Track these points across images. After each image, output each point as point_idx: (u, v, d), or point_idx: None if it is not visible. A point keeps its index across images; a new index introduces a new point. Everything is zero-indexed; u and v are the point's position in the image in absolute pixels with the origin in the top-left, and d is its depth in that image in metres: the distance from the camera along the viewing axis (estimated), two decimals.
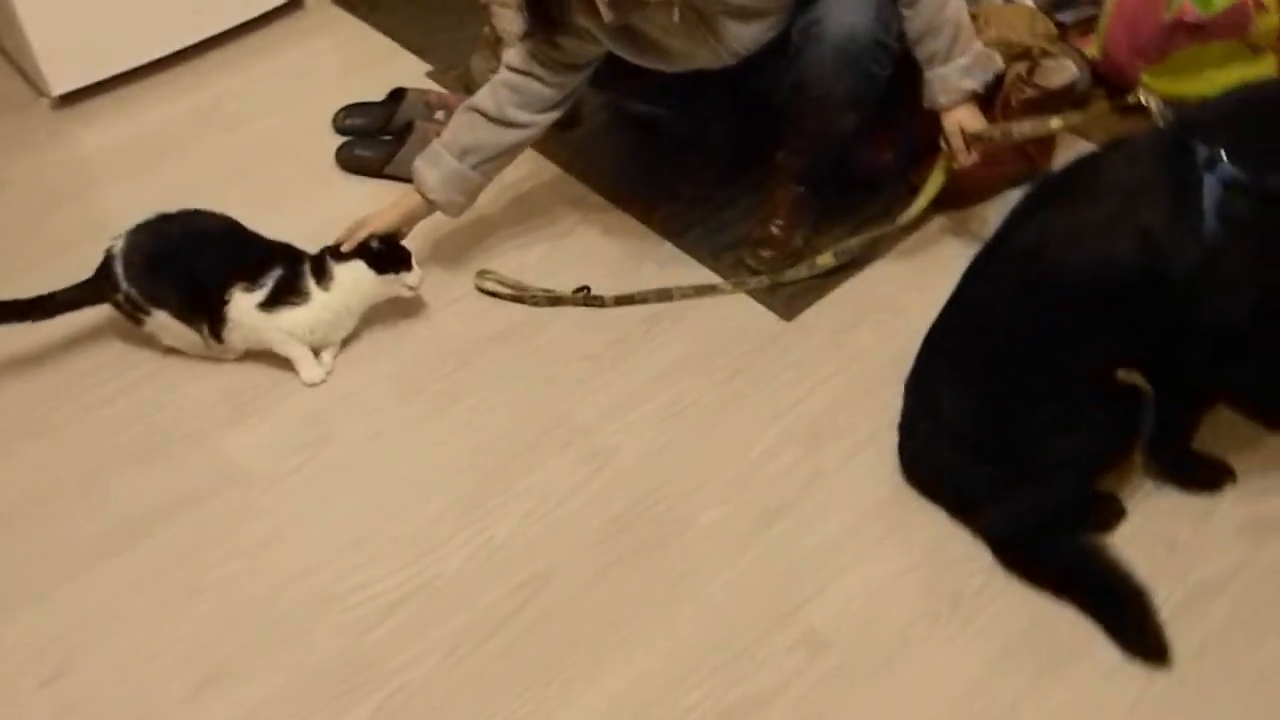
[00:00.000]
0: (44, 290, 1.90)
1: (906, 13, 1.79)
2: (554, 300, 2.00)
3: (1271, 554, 1.59)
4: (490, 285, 2.04)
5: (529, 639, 1.55)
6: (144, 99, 2.60)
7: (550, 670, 1.51)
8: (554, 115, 1.90)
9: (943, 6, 1.80)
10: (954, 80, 1.84)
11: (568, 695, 1.49)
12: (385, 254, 1.91)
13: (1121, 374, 1.54)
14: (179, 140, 2.48)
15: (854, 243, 1.99)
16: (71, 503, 1.76)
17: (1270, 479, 1.68)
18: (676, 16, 1.73)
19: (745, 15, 1.78)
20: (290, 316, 1.87)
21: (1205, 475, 1.66)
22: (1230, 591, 1.55)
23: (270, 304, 1.86)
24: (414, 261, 1.94)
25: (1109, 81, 2.35)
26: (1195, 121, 1.43)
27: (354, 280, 1.90)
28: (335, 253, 1.91)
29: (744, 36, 1.81)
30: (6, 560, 1.68)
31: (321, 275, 1.89)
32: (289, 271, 1.88)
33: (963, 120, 1.89)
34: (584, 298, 1.98)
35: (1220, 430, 1.70)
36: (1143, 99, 1.67)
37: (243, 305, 1.85)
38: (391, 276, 1.92)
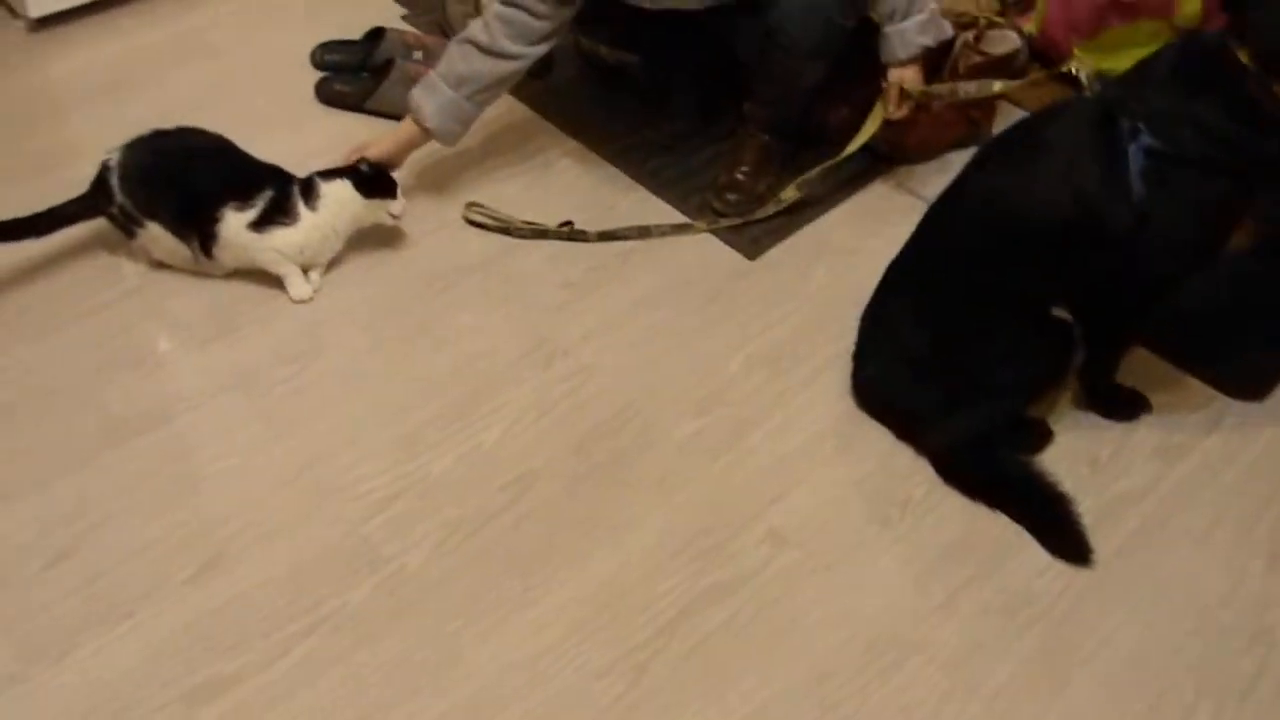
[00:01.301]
0: (26, 207, 1.95)
1: None
2: (539, 233, 2.11)
3: (1180, 473, 1.78)
4: (478, 216, 2.14)
5: (515, 533, 1.67)
6: (119, 27, 2.63)
7: (536, 560, 1.63)
8: (544, 48, 2.00)
9: None
10: (911, 36, 2.00)
11: (553, 582, 1.61)
12: (373, 178, 2.00)
13: (1056, 311, 1.72)
14: (155, 68, 2.53)
15: (814, 173, 2.13)
16: (68, 402, 1.82)
17: (1181, 411, 1.88)
18: None
19: None
20: (280, 236, 1.95)
21: (1126, 405, 1.86)
22: (1144, 504, 1.74)
23: (260, 224, 1.93)
24: (399, 192, 2.03)
25: (1045, 56, 2.54)
26: (1118, 97, 1.58)
27: (340, 201, 1.98)
28: (323, 173, 1.99)
29: None
30: (8, 450, 1.74)
31: (310, 195, 1.96)
32: (279, 192, 1.95)
33: (905, 77, 2.05)
34: (568, 232, 2.10)
35: (1139, 366, 1.89)
36: (1075, 70, 1.83)
37: (234, 224, 1.93)
38: (376, 201, 2.00)
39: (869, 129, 2.12)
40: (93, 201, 1.95)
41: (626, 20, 2.40)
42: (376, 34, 2.50)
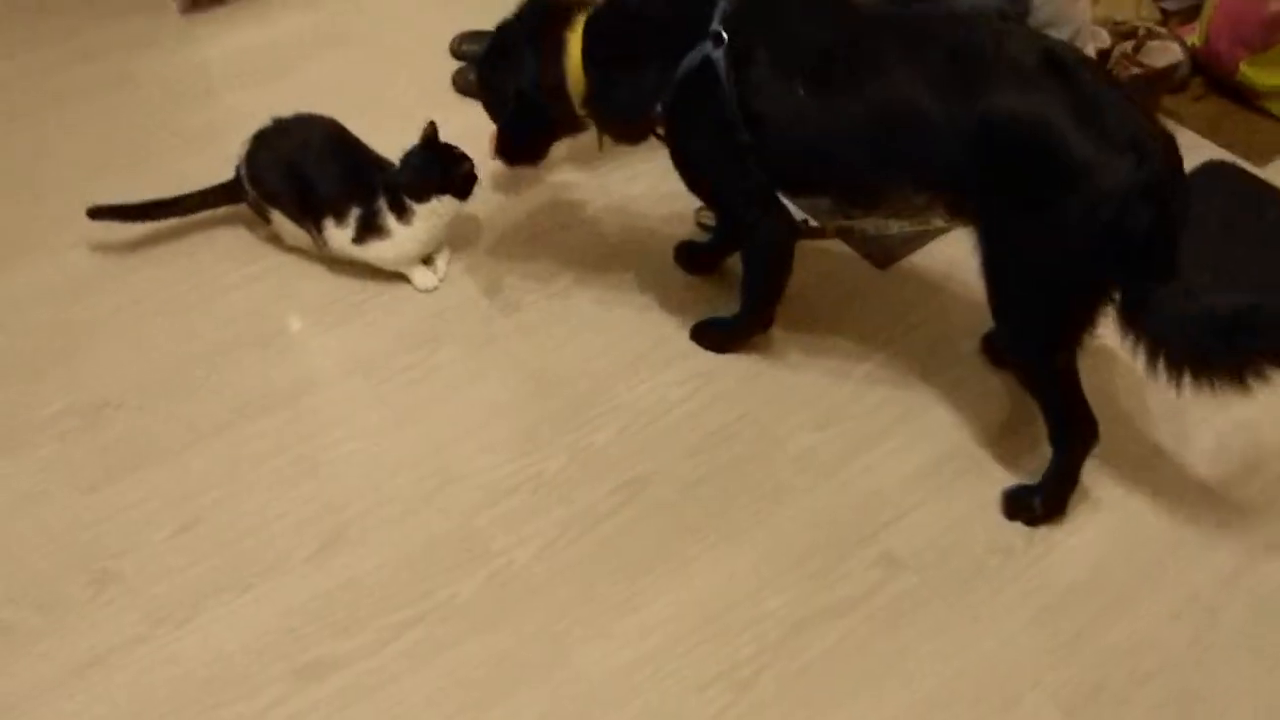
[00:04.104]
0: (173, 182, 2.04)
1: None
2: None
3: None
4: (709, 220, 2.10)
5: (624, 536, 1.66)
6: (268, 11, 2.71)
7: (642, 566, 1.62)
8: None
9: (1073, 2, 1.87)
10: None
11: (657, 589, 1.60)
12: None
13: None
14: (301, 52, 2.59)
15: None
16: (199, 376, 1.88)
17: None
18: None
19: None
20: (376, 249, 1.96)
21: None
22: None
23: (359, 240, 1.96)
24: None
25: (1208, 70, 2.40)
26: None
27: (436, 213, 1.96)
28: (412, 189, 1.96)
29: None
30: (141, 423, 1.81)
31: (401, 210, 1.95)
32: (366, 209, 1.94)
33: None
34: (805, 230, 1.98)
35: None
36: None
37: (337, 238, 1.96)
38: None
39: None
40: (234, 190, 2.02)
41: None
42: None
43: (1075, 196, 1.40)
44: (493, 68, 1.79)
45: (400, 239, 1.96)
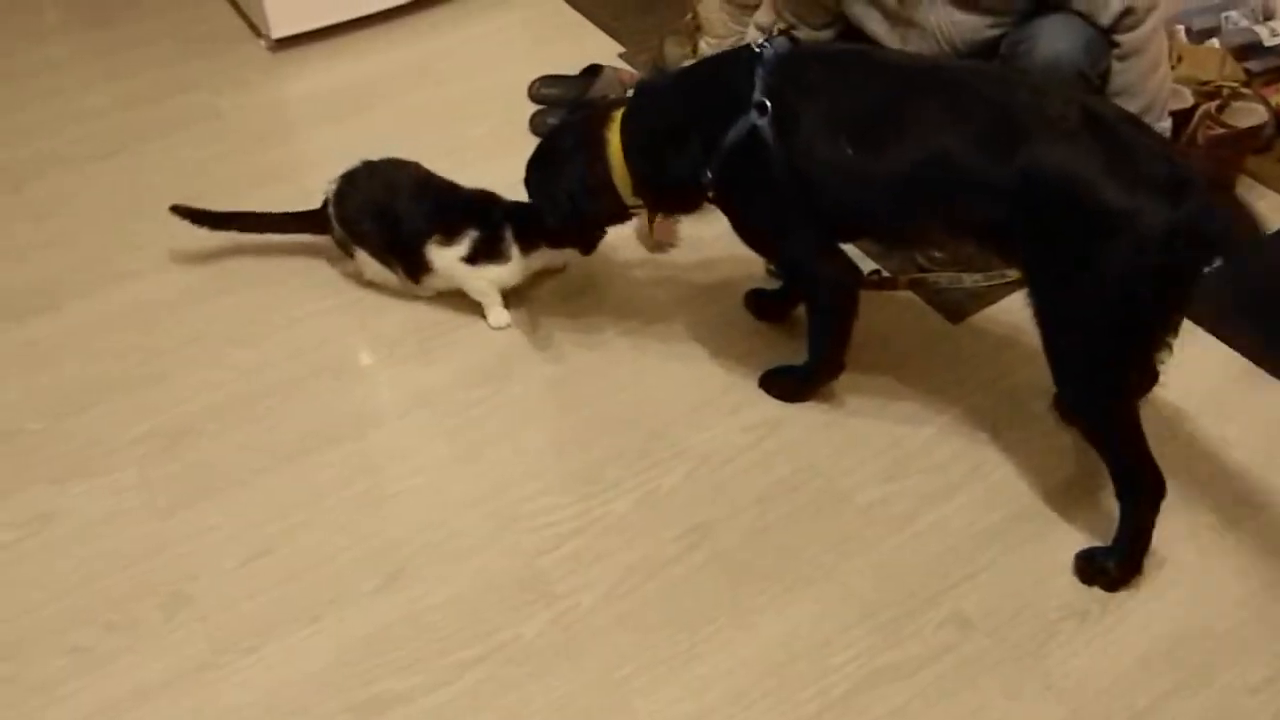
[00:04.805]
0: None
1: (1117, 65, 1.81)
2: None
3: None
4: None
5: (688, 583, 1.64)
6: (353, 51, 2.78)
7: (705, 615, 1.60)
8: None
9: (1149, 74, 1.82)
10: None
11: (720, 639, 1.58)
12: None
13: None
14: (383, 92, 2.65)
15: None
16: (272, 406, 1.92)
17: None
18: None
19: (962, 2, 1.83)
20: (493, 271, 2.00)
21: None
22: None
23: (472, 259, 1.99)
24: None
25: None
26: None
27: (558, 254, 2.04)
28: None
29: (961, 24, 1.84)
30: (214, 450, 1.84)
31: (528, 244, 1.99)
32: (489, 232, 1.98)
33: None
34: (878, 280, 2.00)
35: None
36: None
37: (446, 257, 1.98)
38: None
39: None
40: (318, 220, 2.07)
41: None
42: (593, 71, 2.54)
43: (1118, 244, 1.43)
44: (542, 175, 1.85)
45: (513, 266, 2.00)
